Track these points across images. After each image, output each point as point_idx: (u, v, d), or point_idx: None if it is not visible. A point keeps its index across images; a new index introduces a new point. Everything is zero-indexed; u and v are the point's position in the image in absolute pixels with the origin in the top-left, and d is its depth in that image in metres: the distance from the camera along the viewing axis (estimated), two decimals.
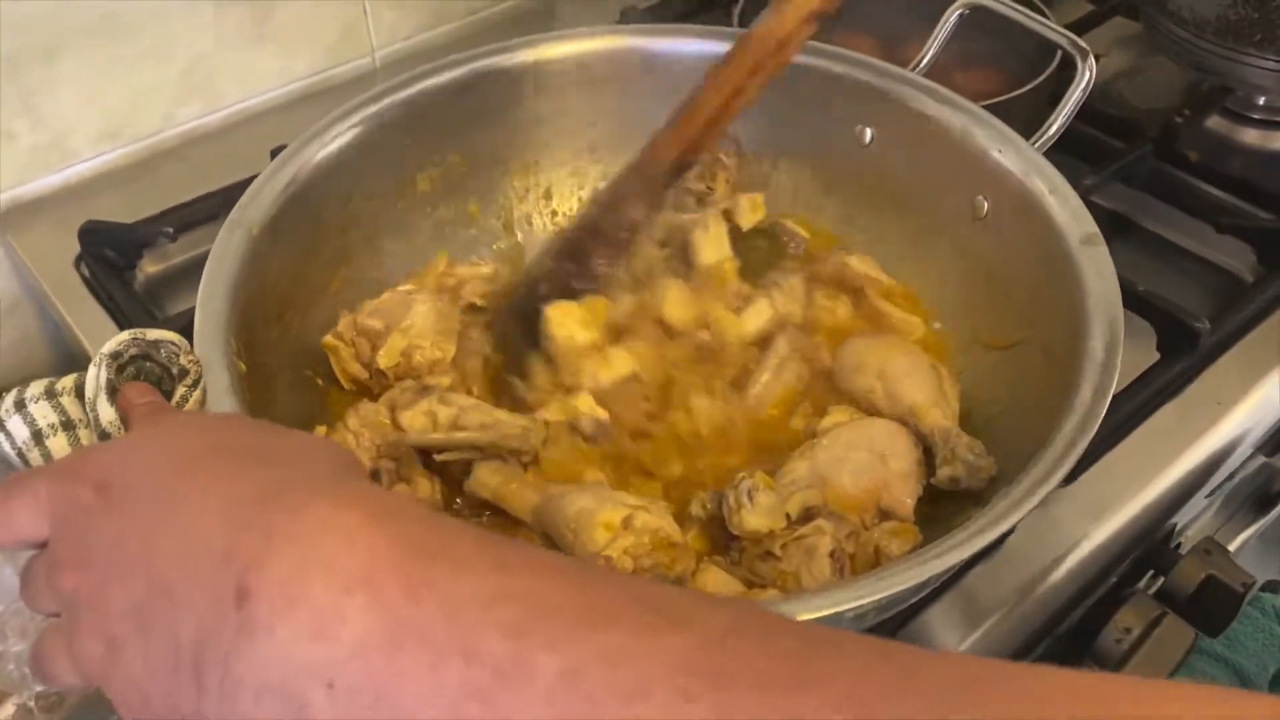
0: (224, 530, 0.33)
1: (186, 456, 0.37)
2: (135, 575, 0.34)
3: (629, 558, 0.58)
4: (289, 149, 0.71)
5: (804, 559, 0.58)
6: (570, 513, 0.60)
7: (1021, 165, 0.69)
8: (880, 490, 0.64)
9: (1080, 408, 0.54)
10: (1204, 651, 0.82)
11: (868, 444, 0.65)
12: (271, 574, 0.31)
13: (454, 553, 0.32)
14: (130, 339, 0.46)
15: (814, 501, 0.62)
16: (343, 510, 0.33)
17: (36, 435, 0.44)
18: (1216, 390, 0.78)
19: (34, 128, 0.90)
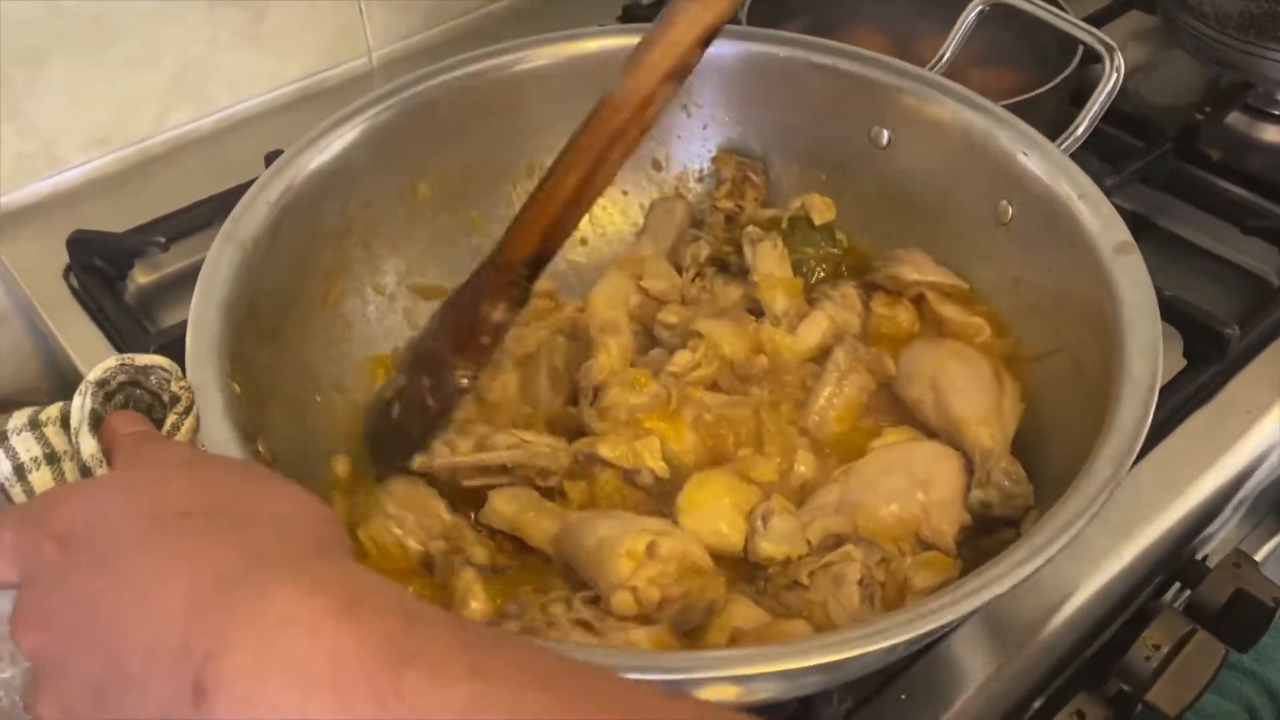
0: (184, 614, 0.31)
1: (153, 515, 0.35)
2: (94, 648, 0.33)
3: (656, 588, 0.55)
4: (283, 157, 0.68)
5: (831, 588, 0.56)
6: (590, 544, 0.57)
7: (1048, 169, 0.66)
8: (919, 519, 0.61)
9: (1121, 430, 0.52)
10: (1232, 666, 0.80)
11: (906, 468, 0.62)
12: (229, 667, 0.30)
13: (428, 655, 0.29)
14: (118, 365, 0.44)
15: (839, 529, 0.59)
16: (307, 598, 0.30)
17: (19, 470, 0.43)
18: (1246, 398, 0.76)
19: (21, 134, 0.88)
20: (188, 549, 0.33)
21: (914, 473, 0.62)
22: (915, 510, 0.61)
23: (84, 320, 0.82)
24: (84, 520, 0.36)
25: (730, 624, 0.56)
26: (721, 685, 0.47)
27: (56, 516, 0.36)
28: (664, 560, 0.55)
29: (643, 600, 0.55)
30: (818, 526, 0.59)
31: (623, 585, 0.54)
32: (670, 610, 0.56)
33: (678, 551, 0.56)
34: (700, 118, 0.80)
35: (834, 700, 0.59)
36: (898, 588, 0.58)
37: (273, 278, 0.65)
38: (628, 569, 0.55)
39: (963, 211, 0.72)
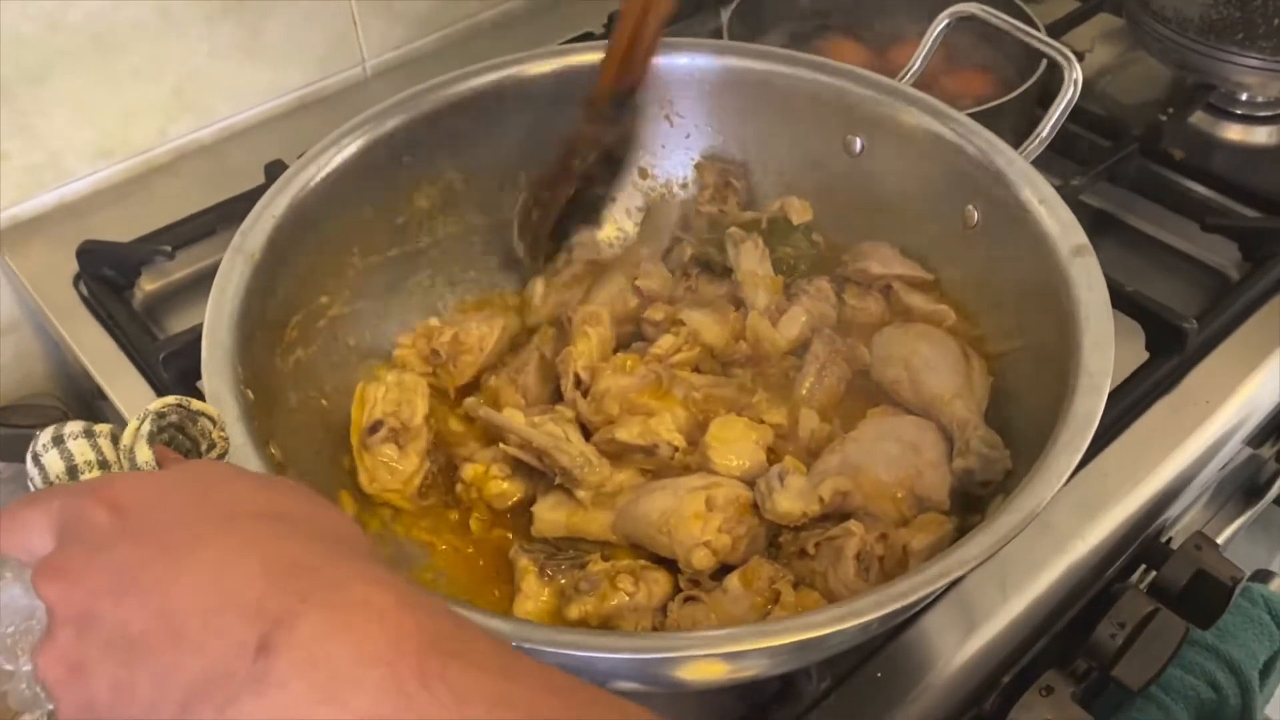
0: (262, 585, 0.34)
1: (225, 512, 0.37)
2: (134, 606, 0.35)
3: (725, 534, 0.61)
4: (288, 171, 0.71)
5: (832, 560, 0.60)
6: (656, 517, 0.63)
7: (1011, 176, 0.70)
8: (914, 479, 0.65)
9: (1076, 420, 0.55)
10: (1195, 643, 0.83)
11: (896, 436, 0.67)
12: (299, 633, 0.33)
13: (470, 654, 0.34)
14: (176, 404, 0.46)
15: (846, 487, 0.63)
16: (379, 591, 0.34)
17: (72, 470, 0.45)
18: (1205, 388, 0.80)
19: (28, 147, 0.91)
20: (263, 540, 0.36)
21: (904, 438, 0.67)
22: (910, 471, 0.65)
23: (94, 327, 0.85)
24: (148, 498, 0.38)
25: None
26: (711, 661, 0.50)
27: (116, 489, 0.38)
28: (722, 507, 0.62)
29: (717, 549, 0.61)
30: (828, 485, 0.62)
31: (698, 544, 0.60)
32: (742, 548, 0.62)
33: (730, 496, 0.62)
34: (683, 128, 0.83)
35: (814, 678, 0.63)
36: (897, 556, 0.62)
37: (279, 288, 0.67)
38: (699, 529, 0.61)
39: (933, 216, 0.76)
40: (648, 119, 0.82)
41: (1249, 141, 1.04)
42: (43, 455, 0.45)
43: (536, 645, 0.48)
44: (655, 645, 0.50)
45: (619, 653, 0.49)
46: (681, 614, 0.61)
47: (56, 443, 0.45)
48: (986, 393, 0.70)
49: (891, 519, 0.64)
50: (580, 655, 0.48)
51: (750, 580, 0.61)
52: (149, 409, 0.45)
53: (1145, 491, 0.75)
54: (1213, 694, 0.82)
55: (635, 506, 0.64)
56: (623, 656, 0.49)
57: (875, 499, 0.64)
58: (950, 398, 0.68)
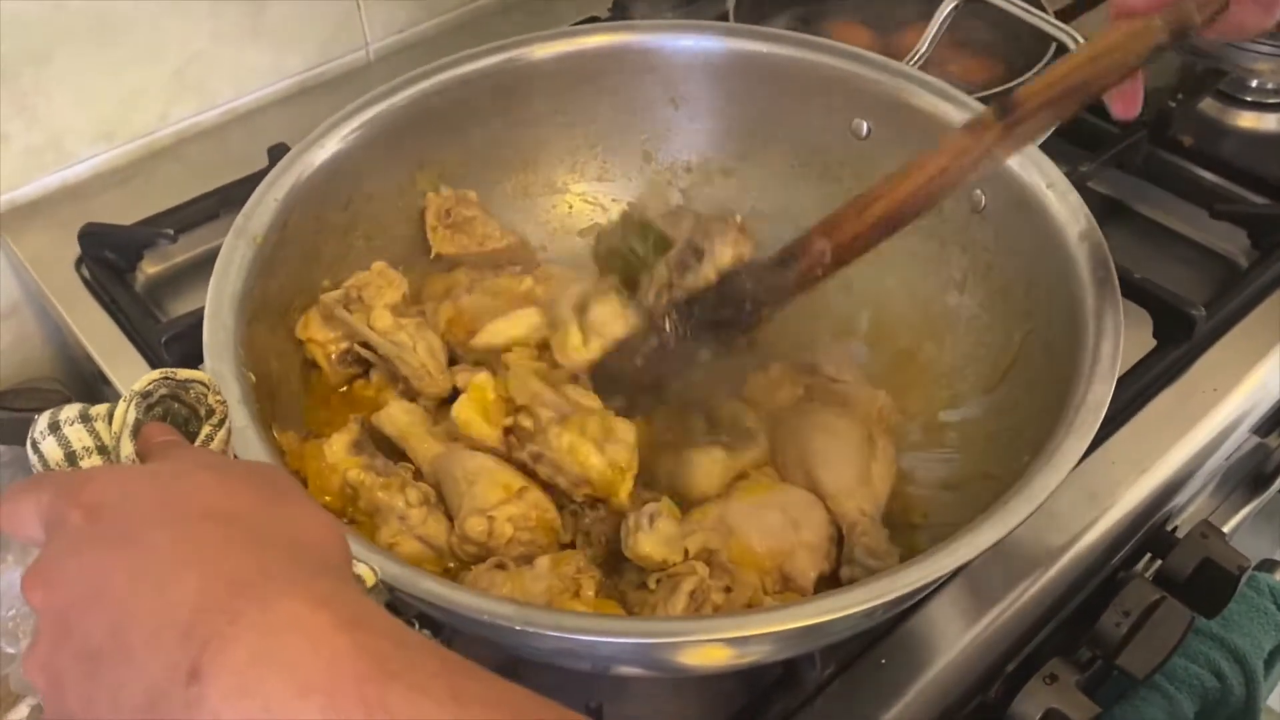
0: (193, 605, 0.33)
1: (180, 512, 0.37)
2: (97, 618, 0.34)
3: (510, 525, 0.60)
4: (290, 154, 0.71)
5: (666, 594, 0.58)
6: (471, 466, 0.62)
7: (1019, 159, 0.69)
8: (785, 555, 0.63)
9: (1084, 406, 0.55)
10: (1200, 631, 0.83)
11: (782, 506, 0.64)
12: (228, 659, 0.31)
13: (413, 676, 0.32)
14: (160, 378, 0.46)
15: (715, 545, 0.61)
16: (312, 610, 0.32)
17: (70, 457, 0.44)
18: (1212, 376, 0.79)
19: (29, 129, 0.90)
20: (206, 550, 0.35)
21: (789, 512, 0.64)
22: (785, 547, 0.63)
23: (96, 310, 0.84)
24: (115, 497, 0.37)
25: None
26: (714, 646, 0.50)
27: (91, 489, 0.38)
28: (529, 506, 0.60)
29: (494, 532, 0.59)
30: (696, 539, 0.60)
31: (484, 512, 0.59)
32: (510, 553, 0.60)
33: (542, 505, 0.61)
34: (687, 111, 0.83)
35: (817, 664, 0.62)
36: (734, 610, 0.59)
37: (281, 271, 0.67)
38: (497, 498, 0.59)
39: None
40: (652, 100, 0.81)
41: (1259, 128, 1.03)
42: (41, 442, 0.45)
43: (541, 629, 0.47)
44: (659, 630, 0.49)
45: (623, 637, 0.48)
46: (480, 575, 0.59)
47: (53, 429, 0.45)
48: (889, 482, 0.67)
49: (751, 588, 0.61)
50: (583, 640, 0.48)
51: (557, 565, 0.59)
52: (133, 390, 0.44)
53: (1152, 480, 0.74)
54: (1217, 683, 0.82)
55: (462, 454, 0.63)
56: (626, 641, 0.49)
57: (741, 564, 0.62)
58: (843, 496, 0.65)
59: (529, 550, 0.61)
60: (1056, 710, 0.66)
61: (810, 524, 0.64)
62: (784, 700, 0.62)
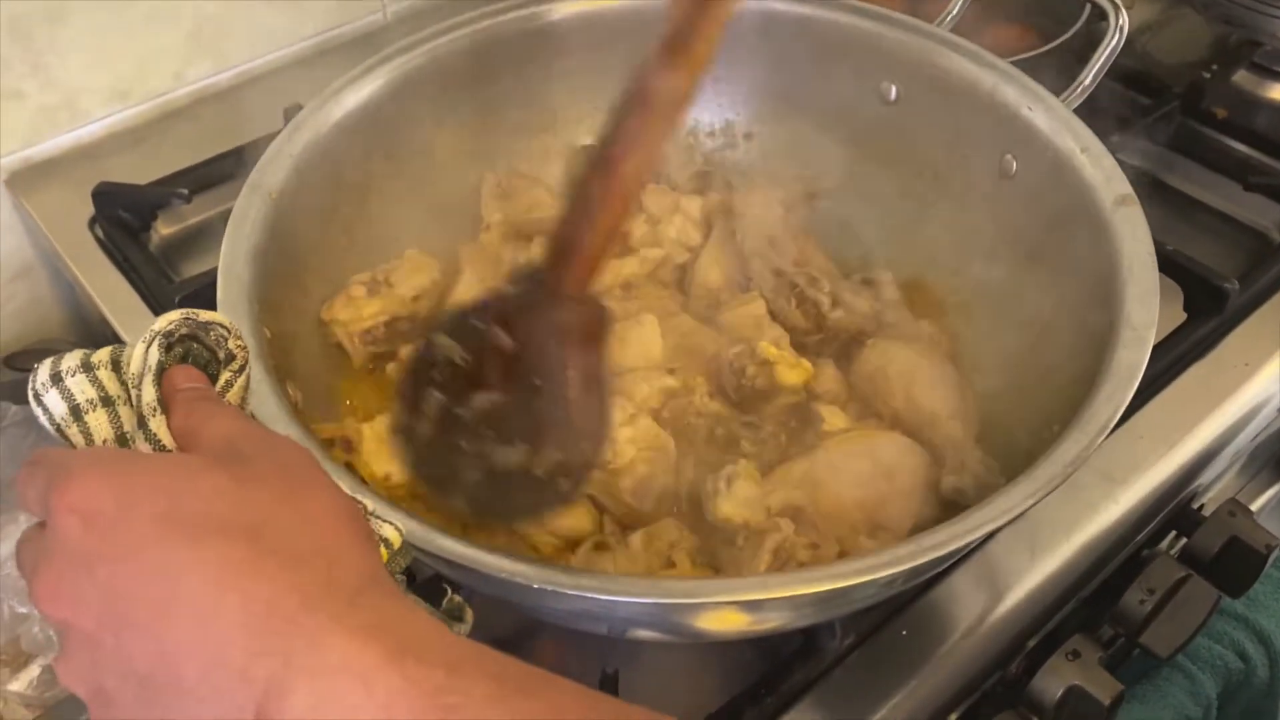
0: (242, 644, 0.33)
1: (193, 528, 0.35)
2: (133, 642, 0.34)
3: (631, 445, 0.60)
4: (307, 108, 0.69)
5: (751, 550, 0.57)
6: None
7: (1052, 123, 0.67)
8: (876, 505, 0.61)
9: (1118, 374, 0.53)
10: (1224, 612, 0.82)
11: (872, 455, 0.63)
12: (291, 705, 0.32)
13: (469, 707, 0.32)
14: (182, 318, 0.44)
15: (800, 502, 0.60)
16: (359, 648, 0.33)
17: (75, 410, 0.42)
18: (1244, 351, 0.78)
19: (43, 88, 0.89)
20: (232, 574, 0.34)
21: (880, 461, 0.63)
22: (875, 497, 0.61)
23: (110, 270, 0.83)
24: (110, 505, 0.35)
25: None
26: (730, 610, 0.49)
27: (81, 490, 0.36)
28: (644, 428, 0.60)
29: (617, 453, 0.59)
30: (779, 496, 0.59)
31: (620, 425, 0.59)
32: (630, 478, 0.60)
33: (654, 429, 0.61)
34: (710, 72, 0.81)
35: (837, 634, 0.61)
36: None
37: (298, 227, 0.66)
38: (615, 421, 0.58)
39: (968, 165, 0.73)
40: None
41: None
42: (44, 395, 0.43)
43: (561, 588, 0.47)
44: (674, 590, 0.48)
45: (640, 597, 0.47)
46: (587, 558, 0.59)
47: (55, 380, 0.43)
48: (977, 420, 0.66)
49: (840, 542, 0.60)
50: (601, 599, 0.47)
51: (651, 541, 0.59)
52: (154, 329, 0.42)
53: (1179, 455, 0.73)
54: (1240, 664, 0.81)
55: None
56: (644, 601, 0.48)
57: (830, 519, 0.60)
58: (947, 417, 0.65)
59: (650, 470, 0.60)
60: (1078, 687, 0.65)
61: (904, 470, 0.63)
62: (803, 670, 0.61)
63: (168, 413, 0.42)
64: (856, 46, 0.76)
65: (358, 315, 0.69)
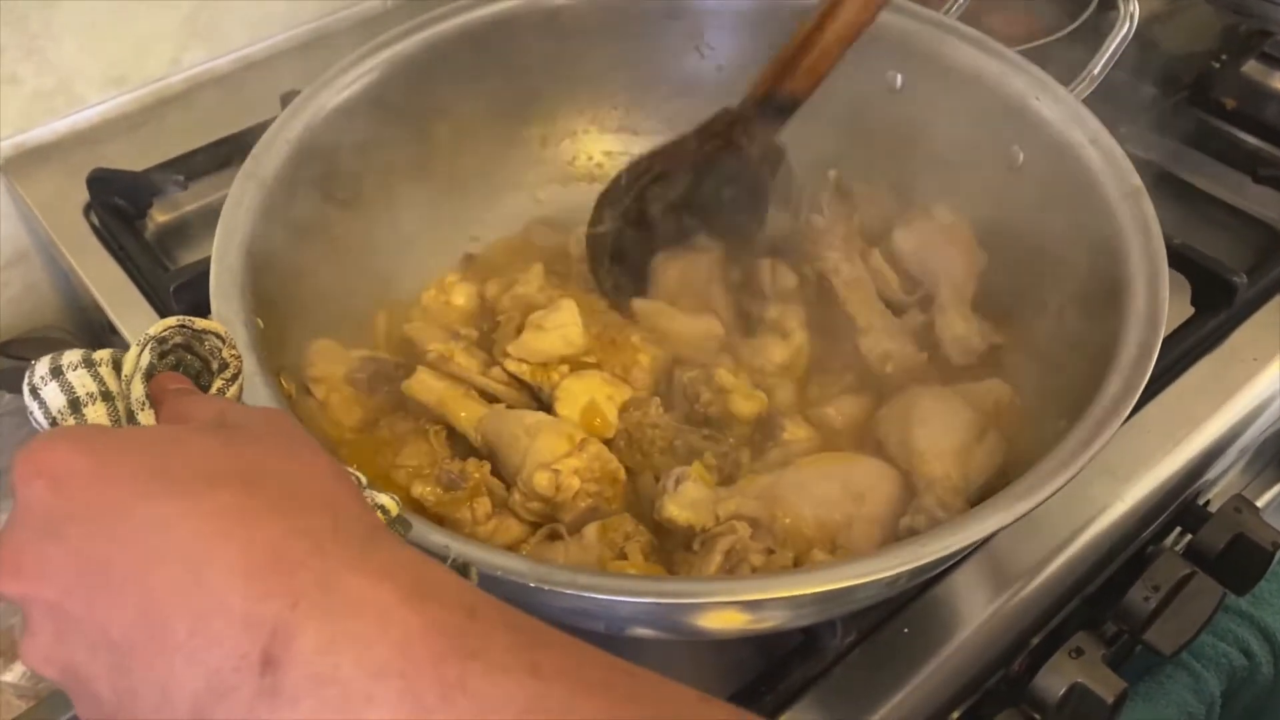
0: (243, 590, 0.30)
1: (181, 480, 0.33)
2: (109, 605, 0.31)
3: (577, 477, 0.58)
4: (302, 95, 0.68)
5: (703, 553, 0.56)
6: (531, 420, 0.60)
7: (1060, 113, 0.66)
8: (840, 528, 0.59)
9: (1126, 367, 0.53)
10: (1229, 608, 0.81)
11: (844, 479, 0.61)
12: (299, 646, 0.30)
13: (490, 652, 0.30)
14: (178, 325, 0.43)
15: (752, 513, 0.58)
16: (375, 585, 0.31)
17: (74, 403, 0.41)
18: (1252, 345, 0.77)
19: (39, 72, 0.88)
20: (230, 521, 0.32)
21: (851, 484, 0.61)
22: (838, 519, 0.59)
23: (105, 258, 0.82)
24: (88, 465, 0.33)
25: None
26: (729, 610, 0.48)
27: (53, 453, 0.34)
28: (592, 457, 0.58)
29: (561, 485, 0.58)
30: (730, 505, 0.58)
31: (548, 465, 0.57)
32: (572, 512, 0.58)
33: (604, 456, 0.59)
34: (713, 60, 0.80)
35: (838, 632, 0.61)
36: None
37: (293, 216, 0.65)
38: (564, 449, 0.58)
39: (975, 156, 0.72)
40: (676, 50, 0.79)
41: None
42: (42, 388, 0.43)
43: (557, 587, 0.46)
44: (674, 590, 0.48)
45: (637, 596, 0.47)
46: (536, 550, 0.58)
47: (55, 374, 0.42)
48: (985, 473, 0.62)
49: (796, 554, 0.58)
50: (597, 599, 0.46)
51: (606, 532, 0.58)
52: (148, 334, 0.42)
53: (1186, 451, 0.72)
54: (1245, 661, 0.80)
55: (512, 412, 0.62)
56: (640, 600, 0.47)
57: (786, 534, 0.59)
58: (932, 456, 0.61)
59: (595, 503, 0.59)
60: (1082, 685, 0.64)
61: (877, 496, 0.61)
62: (803, 668, 0.60)
63: (155, 408, 0.41)
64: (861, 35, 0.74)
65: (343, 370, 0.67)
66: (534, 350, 0.65)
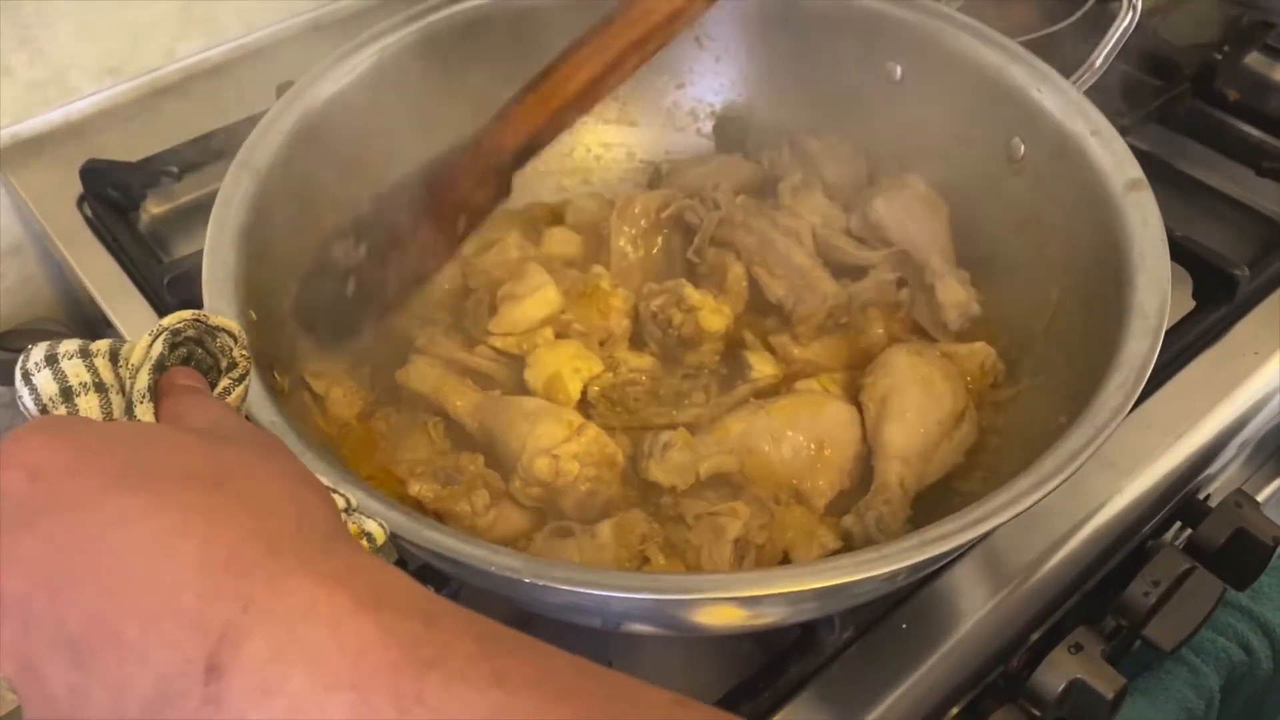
0: (196, 590, 0.29)
1: (151, 475, 0.32)
2: (69, 601, 0.30)
3: (576, 462, 0.58)
4: (298, 84, 0.68)
5: (709, 538, 0.57)
6: (529, 406, 0.60)
7: (1061, 105, 0.66)
8: (801, 474, 0.62)
9: (1128, 363, 0.52)
10: (1228, 603, 0.81)
11: (811, 424, 0.63)
12: (247, 653, 0.28)
13: (450, 663, 0.29)
14: (193, 318, 0.43)
15: (729, 468, 0.60)
16: (330, 591, 0.29)
17: (66, 392, 0.41)
18: (1254, 339, 0.76)
19: (32, 63, 0.87)
20: (194, 518, 0.31)
21: (817, 432, 0.63)
22: (802, 465, 0.61)
23: (98, 249, 0.82)
24: (61, 461, 0.33)
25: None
26: (726, 606, 0.48)
27: (32, 443, 0.33)
28: (590, 441, 0.59)
29: (560, 470, 0.58)
30: (710, 464, 0.59)
31: (547, 451, 0.57)
32: (572, 497, 0.59)
33: (601, 440, 0.59)
34: (713, 50, 0.80)
35: (836, 628, 0.60)
36: (774, 555, 0.59)
37: (286, 207, 0.65)
38: (560, 435, 0.58)
39: (974, 148, 0.72)
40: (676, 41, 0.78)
41: None
42: (35, 375, 0.42)
43: (551, 583, 0.45)
44: (671, 586, 0.47)
45: (634, 592, 0.46)
46: (546, 545, 0.58)
47: (50, 362, 0.42)
48: (944, 469, 0.64)
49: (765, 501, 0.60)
50: (594, 594, 0.46)
51: (622, 533, 0.58)
52: (161, 325, 0.41)
53: (1187, 445, 0.72)
54: (1244, 657, 0.80)
55: (509, 399, 0.62)
56: (637, 596, 0.46)
57: (756, 483, 0.61)
58: (894, 458, 0.62)
59: (594, 486, 0.59)
60: (1081, 680, 0.64)
61: (839, 442, 0.63)
62: (800, 664, 0.60)
63: (157, 402, 0.40)
64: (861, 25, 0.74)
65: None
66: (514, 321, 0.66)
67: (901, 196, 0.72)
